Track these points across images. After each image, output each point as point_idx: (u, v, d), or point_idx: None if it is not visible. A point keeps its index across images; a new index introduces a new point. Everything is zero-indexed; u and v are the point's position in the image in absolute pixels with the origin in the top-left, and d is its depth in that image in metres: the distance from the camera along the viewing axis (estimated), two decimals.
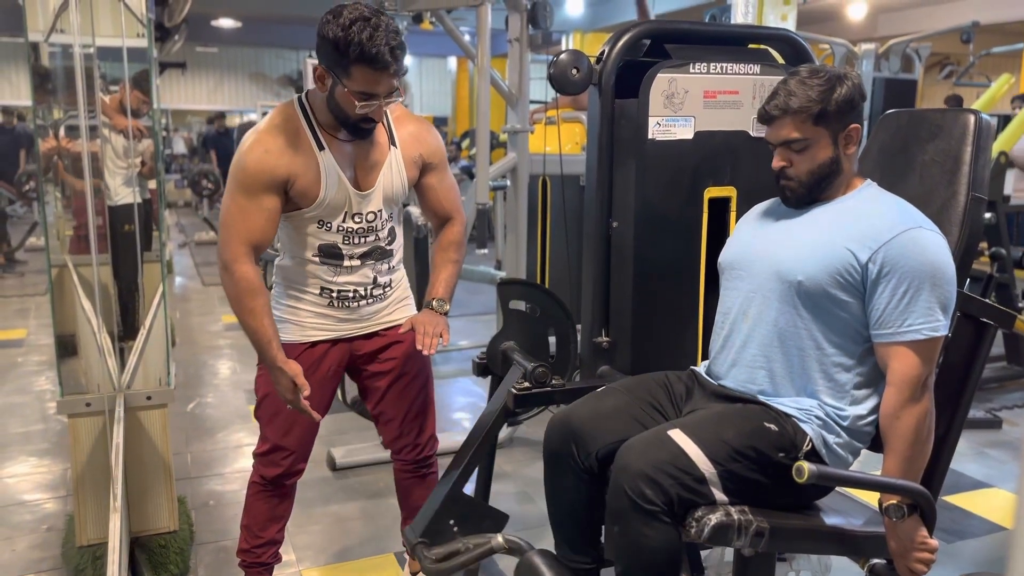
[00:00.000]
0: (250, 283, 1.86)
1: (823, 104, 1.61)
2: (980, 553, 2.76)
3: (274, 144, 1.84)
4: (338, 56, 1.73)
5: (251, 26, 14.00)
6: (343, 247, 1.96)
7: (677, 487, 1.50)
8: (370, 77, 1.74)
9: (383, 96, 1.78)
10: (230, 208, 1.86)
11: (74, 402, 2.44)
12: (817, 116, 1.62)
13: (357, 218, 1.95)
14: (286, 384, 1.89)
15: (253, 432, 3.76)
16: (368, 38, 1.69)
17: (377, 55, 1.70)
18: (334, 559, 2.66)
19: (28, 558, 2.65)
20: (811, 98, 1.61)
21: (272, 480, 2.11)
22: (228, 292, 1.89)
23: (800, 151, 1.65)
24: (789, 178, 1.68)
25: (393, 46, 1.72)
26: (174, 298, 6.80)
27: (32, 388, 4.41)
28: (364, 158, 1.94)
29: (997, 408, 4.10)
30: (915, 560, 1.54)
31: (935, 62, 10.88)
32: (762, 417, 1.61)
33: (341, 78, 1.76)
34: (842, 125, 1.64)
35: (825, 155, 1.65)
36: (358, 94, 1.76)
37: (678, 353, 2.20)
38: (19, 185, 8.44)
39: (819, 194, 1.69)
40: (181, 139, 16.16)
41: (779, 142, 1.67)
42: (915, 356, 1.54)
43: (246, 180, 1.84)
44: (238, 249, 1.85)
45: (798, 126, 1.63)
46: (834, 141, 1.65)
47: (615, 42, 2.13)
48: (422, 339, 1.93)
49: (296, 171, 1.85)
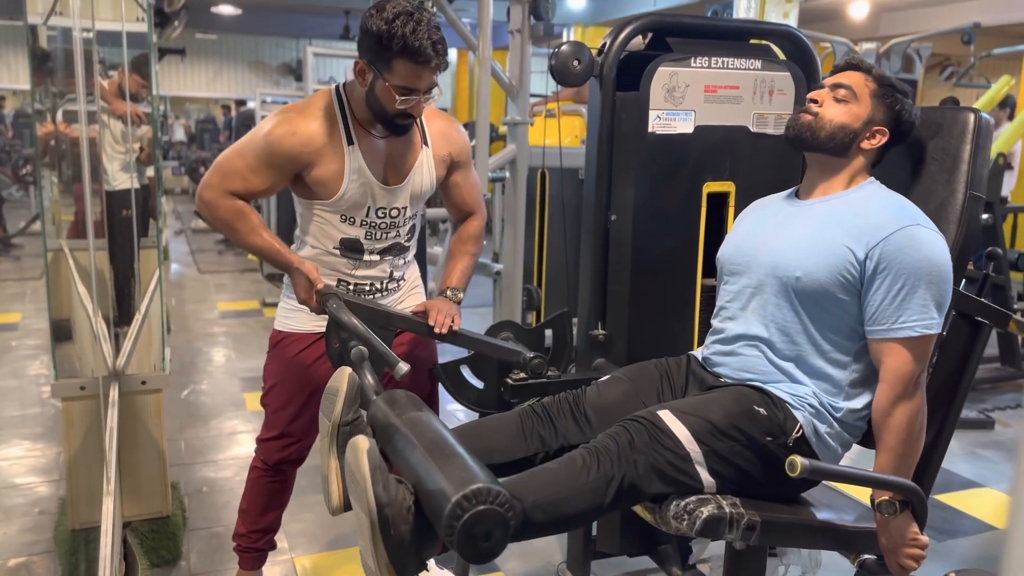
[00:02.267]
0: (238, 208, 1.87)
1: (890, 90, 1.68)
2: (970, 552, 2.77)
3: (304, 129, 1.85)
4: (381, 50, 1.74)
5: (251, 14, 13.93)
6: (365, 242, 1.97)
7: (663, 463, 1.51)
8: (412, 71, 1.75)
9: (423, 91, 1.79)
10: (234, 161, 1.87)
11: (68, 386, 2.43)
12: (877, 90, 1.68)
13: (381, 212, 1.95)
14: (303, 284, 1.88)
15: (247, 420, 3.76)
16: (411, 32, 1.70)
17: (420, 48, 1.72)
18: (327, 547, 2.66)
19: (20, 541, 2.66)
20: (888, 78, 1.70)
21: (274, 465, 2.12)
22: (219, 224, 1.90)
23: (839, 101, 1.68)
24: (812, 112, 1.70)
25: (435, 40, 1.74)
26: (170, 285, 6.79)
27: (26, 372, 4.41)
28: (396, 154, 1.94)
29: (990, 409, 4.12)
30: (905, 556, 1.55)
31: (936, 63, 10.87)
32: (753, 400, 1.61)
33: (383, 72, 1.77)
34: (883, 119, 1.68)
35: (852, 123, 1.67)
36: (399, 88, 1.77)
37: (674, 347, 2.20)
38: (16, 169, 8.41)
39: (816, 150, 1.70)
40: (180, 126, 16.10)
41: (832, 83, 1.71)
42: (908, 353, 1.55)
43: (264, 151, 1.85)
44: (223, 192, 1.86)
45: (859, 83, 1.68)
46: (867, 122, 1.67)
47: (617, 34, 2.12)
48: (435, 317, 1.93)
49: (318, 160, 1.86)
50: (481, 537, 1.26)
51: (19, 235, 8.11)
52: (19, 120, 11.06)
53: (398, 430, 1.47)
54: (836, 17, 11.42)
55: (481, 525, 1.25)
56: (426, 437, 1.42)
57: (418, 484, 1.35)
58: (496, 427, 1.72)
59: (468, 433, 1.70)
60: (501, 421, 1.73)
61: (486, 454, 1.63)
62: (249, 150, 1.86)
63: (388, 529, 1.32)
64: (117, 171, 4.22)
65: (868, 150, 1.69)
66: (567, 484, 1.46)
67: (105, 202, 3.62)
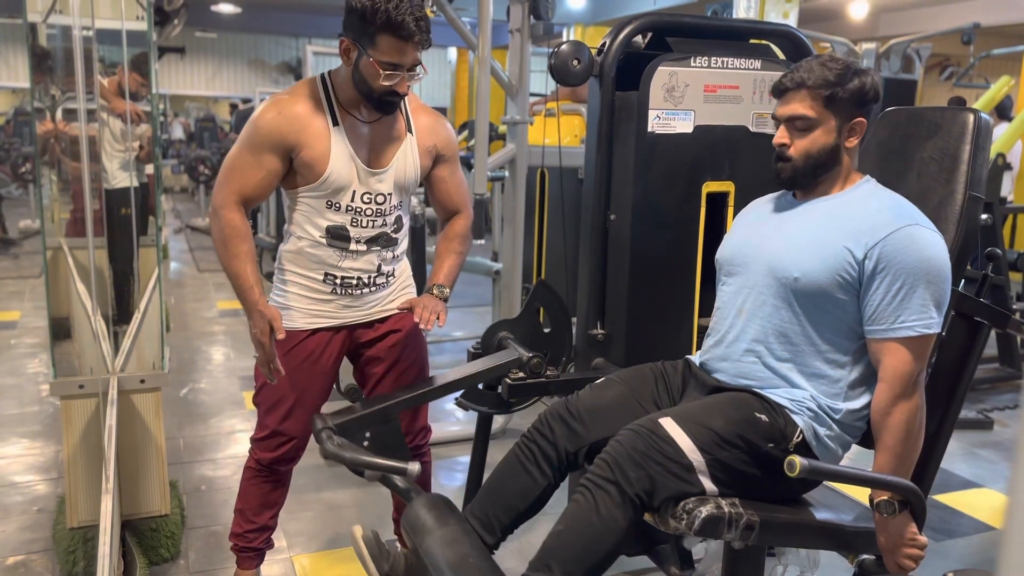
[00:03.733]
0: (236, 228, 1.93)
1: (837, 87, 1.62)
2: (968, 552, 2.77)
3: (290, 110, 1.90)
4: (364, 25, 1.79)
5: (251, 12, 13.93)
6: (351, 229, 1.98)
7: (665, 474, 1.51)
8: (395, 46, 1.79)
9: (407, 67, 1.83)
10: (234, 159, 1.93)
11: (67, 384, 2.43)
12: (828, 98, 1.63)
13: (367, 197, 1.96)
14: (263, 328, 1.90)
15: (246, 418, 3.76)
16: (394, 8, 1.76)
17: (403, 23, 1.76)
18: (325, 546, 2.66)
19: (19, 539, 2.65)
20: (827, 79, 1.63)
21: (268, 464, 2.11)
22: (215, 236, 1.96)
23: (803, 130, 1.65)
24: (786, 158, 1.68)
25: (417, 17, 1.79)
26: (169, 284, 6.78)
27: (25, 370, 4.40)
28: (380, 139, 1.98)
29: (989, 409, 4.12)
30: (904, 556, 1.55)
31: (935, 63, 10.88)
32: (753, 407, 1.61)
33: (366, 48, 1.81)
34: (850, 115, 1.65)
35: (827, 140, 1.65)
36: (383, 63, 1.81)
37: (673, 347, 2.20)
38: (15, 167, 8.39)
39: (813, 180, 1.69)
40: (179, 124, 16.09)
41: (785, 117, 1.67)
42: (907, 353, 1.55)
43: (256, 137, 1.90)
44: (230, 197, 1.93)
45: (808, 104, 1.64)
46: (839, 129, 1.65)
47: (616, 34, 2.12)
48: (420, 313, 1.95)
49: (305, 140, 1.89)
50: None
51: (16, 244, 8.05)
52: (18, 118, 11.05)
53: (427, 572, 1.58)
54: (836, 17, 11.42)
55: None
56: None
57: None
58: (503, 480, 1.74)
59: (486, 499, 1.74)
60: (505, 470, 1.76)
61: (511, 508, 1.70)
62: (243, 144, 1.93)
63: None
64: (116, 169, 4.22)
65: (852, 147, 1.69)
66: (584, 534, 1.49)
67: (104, 200, 3.61)
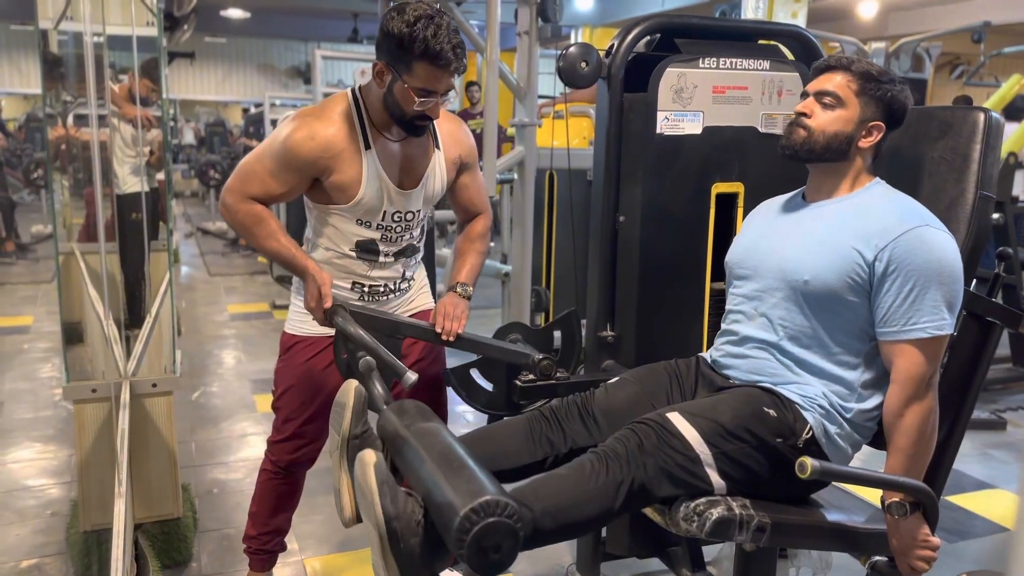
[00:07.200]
0: (256, 214, 1.89)
1: (875, 82, 1.64)
2: (982, 553, 2.75)
3: (322, 134, 1.85)
4: (401, 52, 1.75)
5: (260, 17, 13.99)
6: (380, 244, 1.98)
7: (672, 466, 1.51)
8: (432, 74, 1.76)
9: (441, 93, 1.81)
10: (254, 165, 1.88)
11: (80, 388, 2.45)
12: (862, 88, 1.64)
13: (397, 216, 1.96)
14: (314, 292, 1.87)
15: (257, 422, 3.77)
16: (432, 36, 1.72)
17: (440, 52, 1.73)
18: (337, 549, 2.67)
19: (32, 543, 2.67)
20: (869, 72, 1.65)
21: (285, 467, 2.12)
22: (237, 228, 1.93)
23: (829, 106, 1.66)
24: (804, 125, 1.67)
25: (455, 44, 1.75)
26: (180, 288, 6.81)
27: (38, 375, 4.43)
28: (409, 158, 1.95)
29: (1002, 409, 4.09)
30: (916, 558, 1.54)
31: (945, 62, 10.82)
32: (762, 401, 1.61)
33: (402, 74, 1.78)
34: (873, 114, 1.65)
35: (844, 127, 1.65)
36: (418, 90, 1.77)
37: (683, 349, 2.20)
38: (27, 173, 8.46)
39: (817, 160, 1.68)
40: (189, 129, 16.18)
41: (816, 91, 1.68)
42: (920, 354, 1.54)
43: (283, 155, 1.86)
44: (240, 198, 1.89)
45: (844, 84, 1.65)
46: (859, 122, 1.65)
47: (624, 35, 2.12)
48: (442, 323, 1.93)
49: (336, 166, 1.86)
50: (491, 549, 1.25)
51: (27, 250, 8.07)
52: (30, 124, 11.15)
53: (407, 442, 1.47)
54: (845, 17, 11.39)
55: (490, 538, 1.24)
56: (435, 449, 1.41)
57: (427, 497, 1.35)
58: (505, 433, 1.72)
59: (477, 439, 1.70)
60: (510, 426, 1.73)
61: (495, 460, 1.64)
62: (268, 154, 1.87)
63: (398, 542, 1.32)
64: (127, 175, 4.24)
65: (867, 148, 1.68)
66: (576, 490, 1.46)
67: (116, 205, 3.64)
